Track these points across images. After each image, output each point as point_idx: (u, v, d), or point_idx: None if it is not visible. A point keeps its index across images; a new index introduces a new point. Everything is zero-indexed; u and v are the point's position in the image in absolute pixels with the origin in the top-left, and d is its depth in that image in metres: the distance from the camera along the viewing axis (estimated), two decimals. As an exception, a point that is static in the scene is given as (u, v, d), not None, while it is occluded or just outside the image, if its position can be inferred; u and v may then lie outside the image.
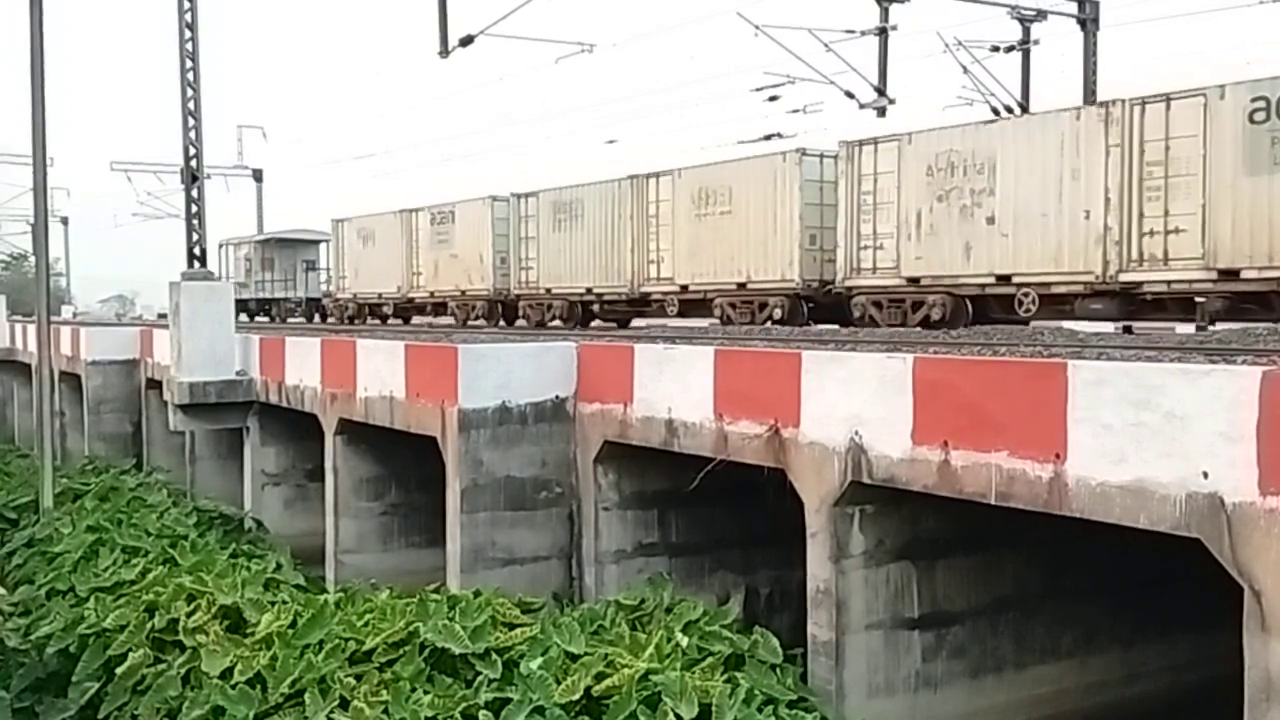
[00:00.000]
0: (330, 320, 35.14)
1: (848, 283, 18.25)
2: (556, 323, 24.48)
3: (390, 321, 32.10)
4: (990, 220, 16.07)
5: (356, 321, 32.51)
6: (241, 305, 39.85)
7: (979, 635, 7.40)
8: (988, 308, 16.58)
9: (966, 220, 16.36)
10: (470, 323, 27.61)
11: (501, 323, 27.23)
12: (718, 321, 20.29)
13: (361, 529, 11.88)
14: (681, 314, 21.75)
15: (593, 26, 28.28)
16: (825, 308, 19.27)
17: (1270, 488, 4.74)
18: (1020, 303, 15.73)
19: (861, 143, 17.97)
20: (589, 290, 23.76)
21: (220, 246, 41.89)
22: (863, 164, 17.88)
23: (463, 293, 28.17)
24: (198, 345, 13.64)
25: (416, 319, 31.43)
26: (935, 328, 16.13)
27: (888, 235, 17.59)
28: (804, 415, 7.02)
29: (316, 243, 39.10)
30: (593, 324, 24.33)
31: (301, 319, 37.03)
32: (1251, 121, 13.29)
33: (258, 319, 39.42)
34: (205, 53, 14.25)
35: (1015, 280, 15.88)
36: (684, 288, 21.39)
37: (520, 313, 26.36)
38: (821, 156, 19.06)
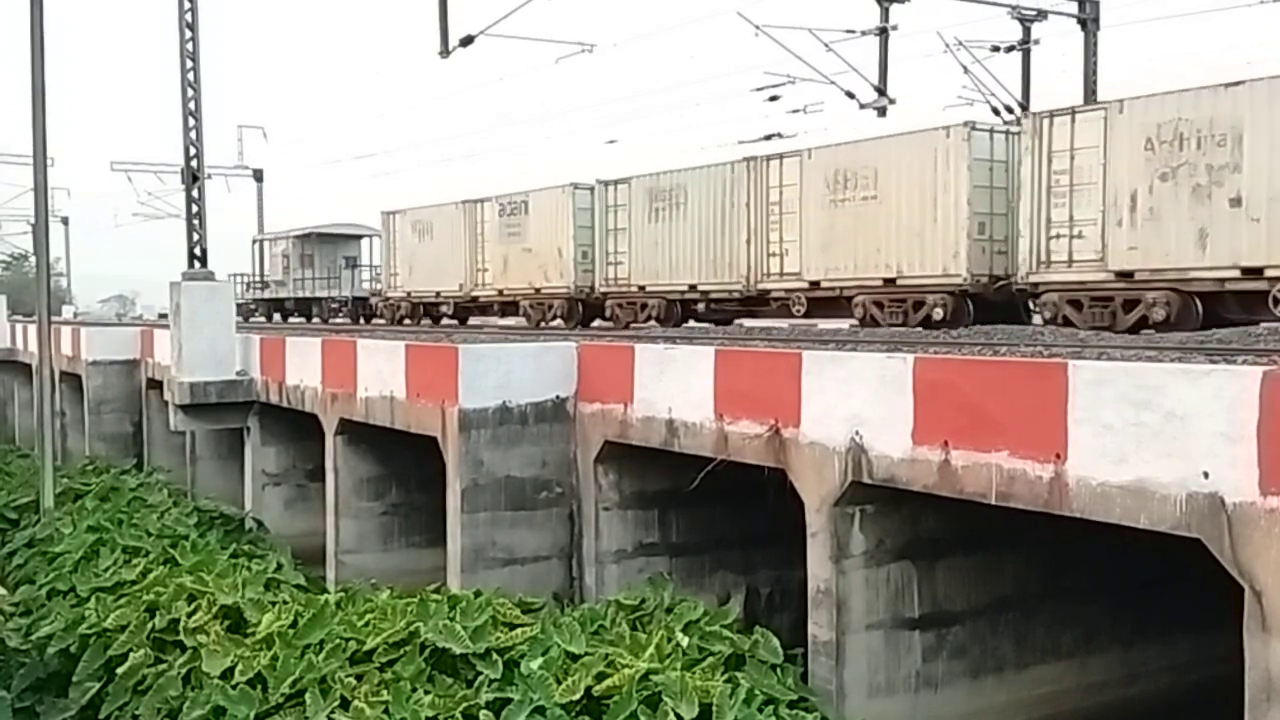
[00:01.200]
0: (379, 322, 32.38)
1: (1033, 278, 15.57)
2: (651, 323, 21.83)
3: (443, 323, 29.45)
4: (1235, 202, 13.53)
5: (409, 323, 29.80)
6: (277, 305, 38.94)
7: (979, 635, 7.40)
8: (1224, 306, 14.15)
9: (1201, 202, 13.79)
10: (546, 323, 24.85)
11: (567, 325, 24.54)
12: (855, 323, 17.95)
13: (362, 529, 11.89)
14: (809, 314, 19.20)
15: (593, 26, 28.27)
16: (996, 307, 16.67)
17: (1271, 488, 4.74)
18: (1277, 300, 13.27)
19: (1053, 113, 15.46)
20: (692, 287, 21.16)
21: (254, 242, 40.37)
22: (1055, 138, 15.24)
23: (536, 291, 25.31)
24: (198, 345, 13.64)
25: (478, 320, 28.94)
26: (1155, 329, 14.15)
27: (1089, 221, 14.93)
28: (804, 415, 7.02)
29: (359, 238, 36.96)
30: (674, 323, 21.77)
31: (346, 319, 34.48)
32: None
33: (292, 319, 37.27)
34: (206, 53, 14.27)
35: (1269, 274, 13.34)
36: (814, 284, 18.72)
37: (607, 313, 23.52)
38: (992, 131, 16.65)
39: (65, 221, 59.48)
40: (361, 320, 33.93)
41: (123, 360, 18.90)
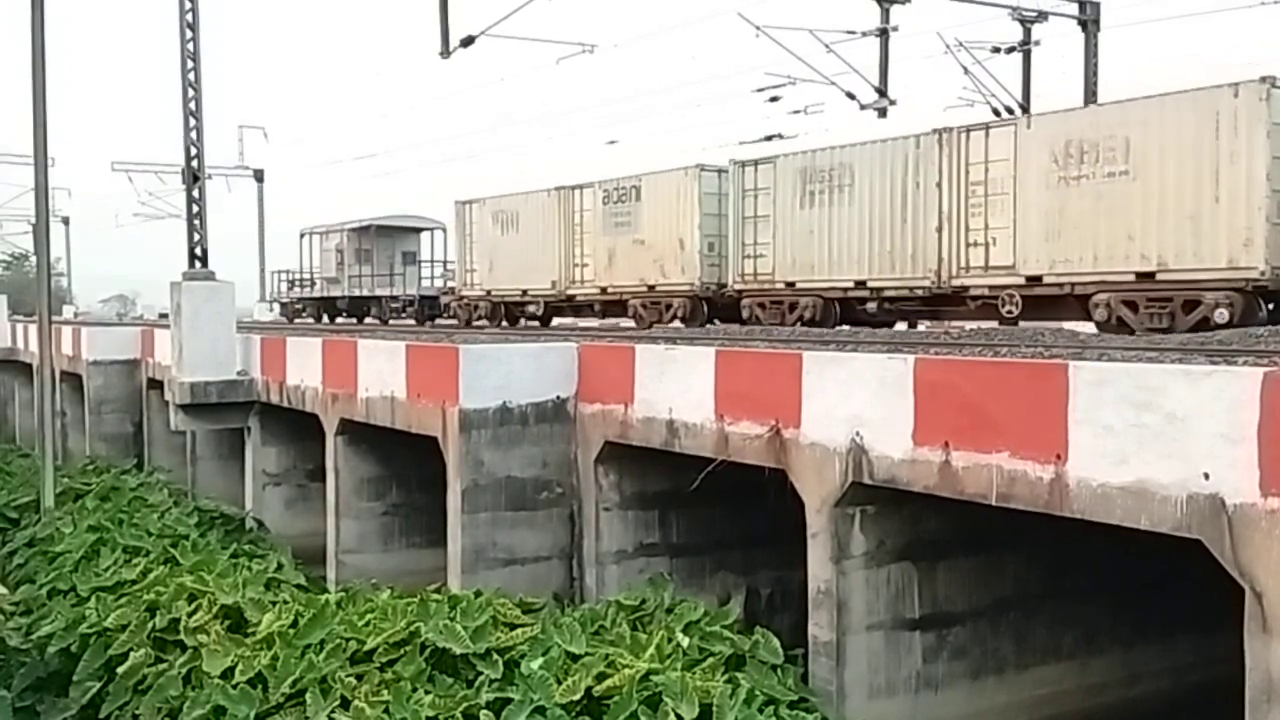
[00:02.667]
0: (447, 322, 29.35)
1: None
2: (798, 327, 18.34)
3: (518, 324, 26.52)
4: None
5: (487, 324, 26.79)
6: (328, 305, 35.30)
7: (980, 636, 7.40)
8: None
9: None
10: (662, 324, 21.49)
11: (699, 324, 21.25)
12: (1095, 328, 15.08)
13: (362, 529, 11.89)
14: (1025, 315, 16.02)
15: (594, 27, 28.25)
16: None
17: (1271, 489, 4.74)
18: None
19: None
20: (859, 284, 18.17)
21: (302, 236, 36.83)
22: None
23: (650, 288, 22.23)
24: (199, 345, 13.64)
25: (572, 321, 25.90)
26: None
27: None
28: (805, 416, 7.03)
29: (418, 231, 34.04)
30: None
31: (410, 321, 30.99)
32: None
33: (341, 320, 34.30)
34: (206, 53, 14.27)
35: None
36: (1033, 279, 15.63)
37: (745, 314, 20.29)
38: None
39: (66, 221, 59.51)
40: (428, 323, 30.47)
41: (123, 360, 18.90)
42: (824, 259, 18.76)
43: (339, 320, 34.47)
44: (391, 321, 31.44)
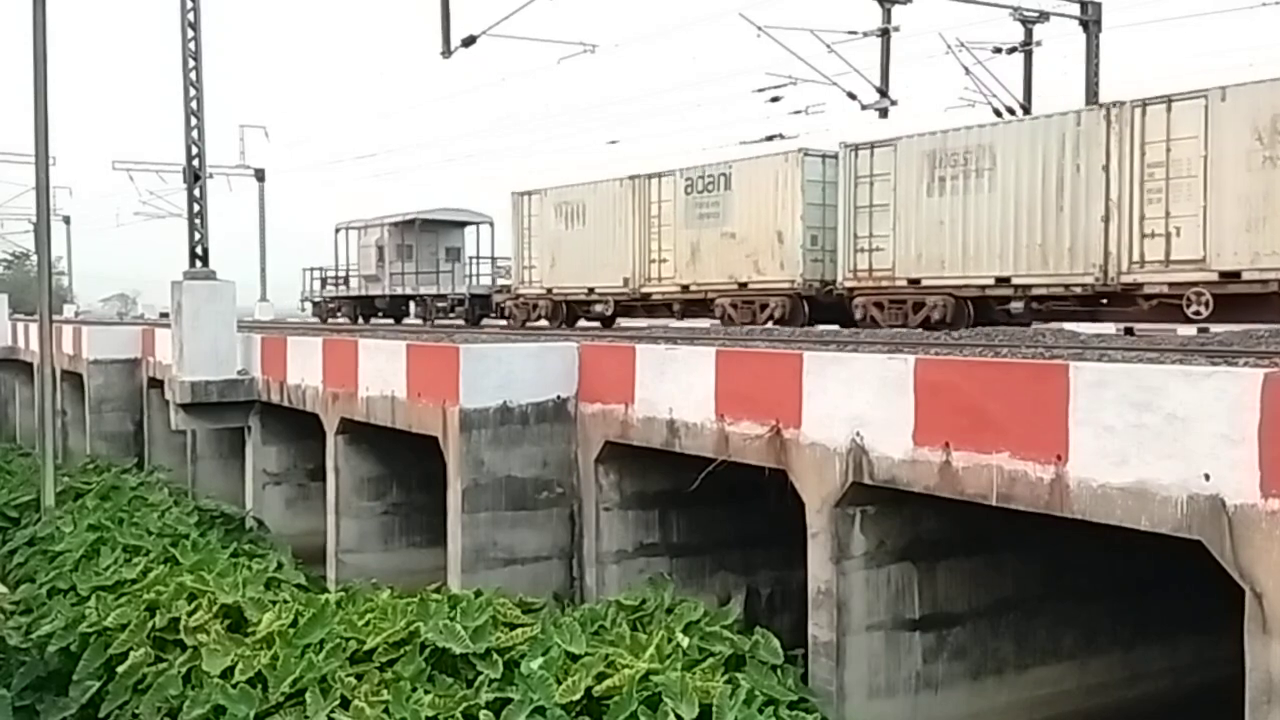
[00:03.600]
0: (496, 323, 27.23)
1: None
2: (920, 332, 16.23)
3: (577, 323, 24.70)
4: None
5: (546, 324, 24.90)
6: (365, 304, 33.19)
7: (980, 636, 7.40)
8: None
9: None
10: (757, 325, 19.22)
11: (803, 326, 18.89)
12: None
13: (363, 528, 11.89)
14: (1216, 317, 14.03)
15: (595, 27, 28.26)
16: None
17: (1272, 490, 4.74)
18: None
19: None
20: (1002, 280, 16.19)
21: (337, 231, 34.60)
22: None
23: (741, 286, 20.35)
24: (200, 344, 13.64)
25: (646, 322, 23.21)
26: None
27: None
28: (805, 416, 7.02)
29: (462, 225, 31.95)
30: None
31: (460, 321, 28.72)
32: None
33: (376, 320, 32.44)
34: (208, 52, 14.28)
35: None
36: (1229, 275, 13.73)
37: (859, 314, 18.22)
38: None
39: (67, 220, 59.56)
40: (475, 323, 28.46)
41: (124, 359, 18.91)
42: (957, 253, 16.73)
43: (374, 321, 32.66)
44: (437, 322, 29.36)
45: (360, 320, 33.32)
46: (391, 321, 31.65)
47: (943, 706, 7.21)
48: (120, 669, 7.80)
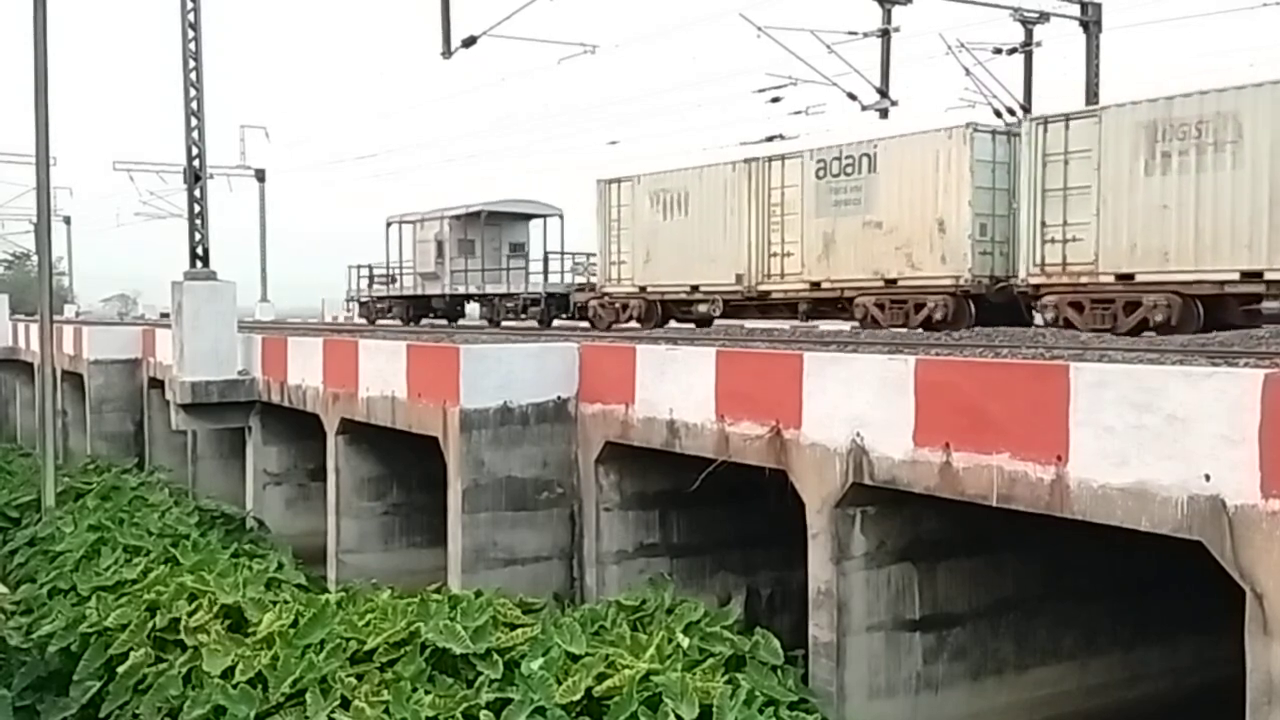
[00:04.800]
0: (575, 325, 24.65)
1: None
2: (1141, 336, 14.10)
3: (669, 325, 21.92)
4: None
5: (645, 327, 21.97)
6: (420, 304, 30.67)
7: (980, 637, 7.40)
8: None
9: None
10: (909, 327, 17.19)
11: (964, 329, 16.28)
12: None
13: (363, 529, 11.89)
14: None
15: (595, 27, 28.25)
16: None
17: (1272, 490, 4.74)
18: None
19: None
20: (1251, 274, 13.70)
21: (388, 225, 31.84)
22: None
23: (889, 282, 17.91)
24: (200, 345, 13.65)
25: (765, 324, 20.39)
26: None
27: None
28: (805, 416, 7.02)
29: (527, 218, 29.36)
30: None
31: (533, 323, 25.93)
32: None
33: (427, 321, 29.90)
34: (208, 52, 14.29)
35: None
36: None
37: (1050, 314, 15.71)
38: None
39: (67, 221, 59.64)
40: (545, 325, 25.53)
41: (124, 359, 18.91)
42: (1186, 243, 14.21)
43: (424, 322, 30.08)
44: (505, 324, 26.86)
45: (413, 322, 30.70)
46: (446, 322, 29.55)
47: (943, 707, 7.21)
48: (121, 669, 7.80)
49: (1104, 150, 15.04)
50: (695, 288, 21.61)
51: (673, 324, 22.66)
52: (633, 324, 22.72)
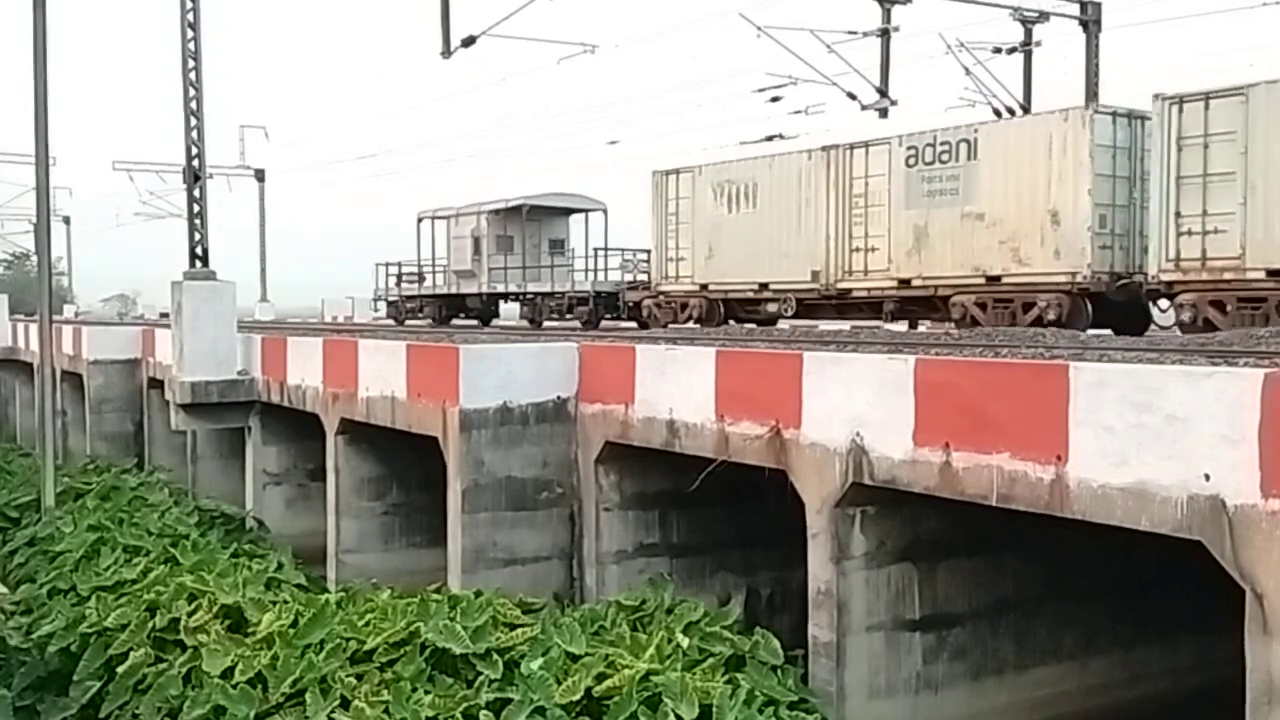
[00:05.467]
0: (624, 325, 23.21)
1: None
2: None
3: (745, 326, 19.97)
4: None
5: (706, 327, 20.36)
6: (454, 303, 29.25)
7: (980, 637, 7.40)
8: None
9: None
10: (1016, 328, 15.17)
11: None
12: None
13: (363, 529, 11.89)
14: None
15: (595, 27, 28.22)
16: None
17: (1272, 490, 4.74)
18: None
19: None
20: None
21: (419, 221, 30.33)
22: None
23: (992, 280, 16.49)
24: (200, 345, 13.64)
25: (847, 324, 18.87)
26: None
27: None
28: (805, 416, 7.02)
29: (567, 213, 27.94)
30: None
31: (575, 324, 24.38)
32: None
33: (458, 322, 28.67)
34: (208, 52, 14.28)
35: None
36: None
37: (1185, 314, 14.40)
38: None
39: (67, 221, 59.63)
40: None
41: (124, 359, 18.91)
42: None
43: (454, 323, 28.65)
44: (547, 324, 25.52)
45: (445, 323, 29.25)
46: (479, 323, 28.08)
47: (943, 707, 7.21)
48: (120, 669, 7.80)
49: (1252, 132, 13.56)
50: (764, 286, 20.20)
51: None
52: (693, 324, 21.49)
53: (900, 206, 17.70)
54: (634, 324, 23.10)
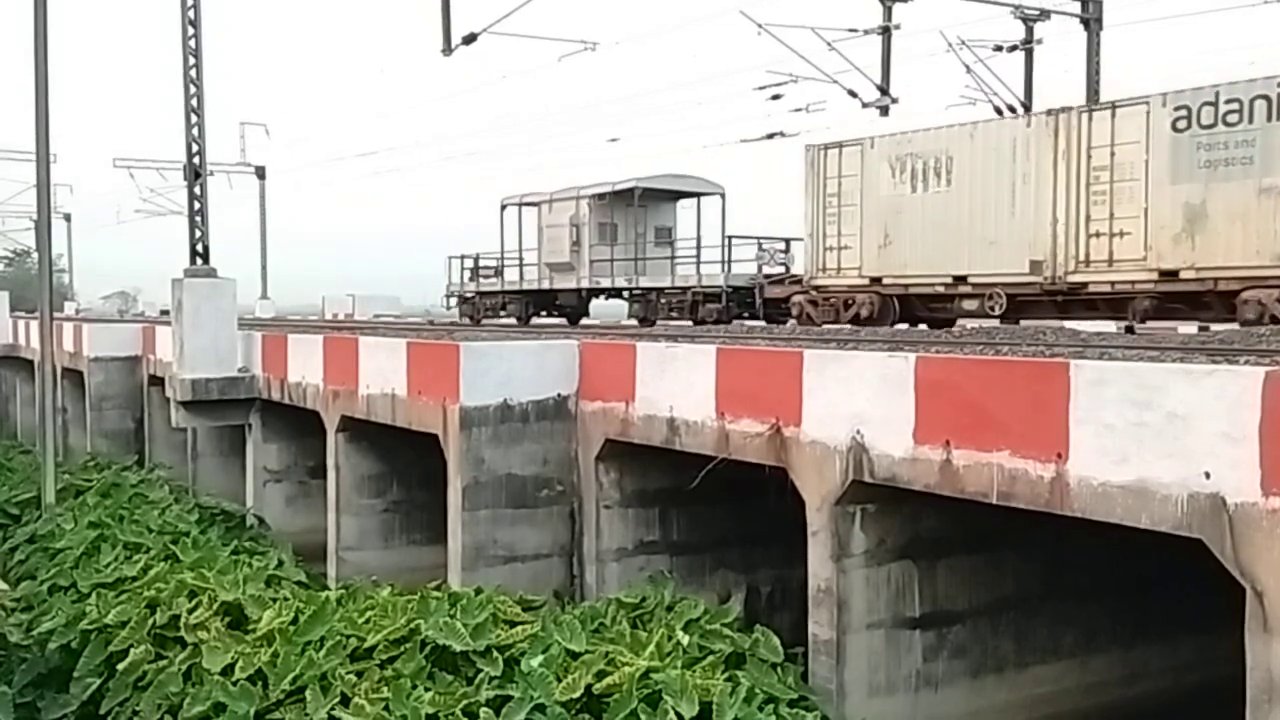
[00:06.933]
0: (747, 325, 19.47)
1: None
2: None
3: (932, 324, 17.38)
4: None
5: (882, 328, 16.69)
6: (544, 299, 25.99)
7: (980, 635, 7.40)
8: None
9: None
10: None
11: None
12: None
13: (363, 526, 11.89)
14: None
15: (595, 25, 28.18)
16: None
17: (1272, 488, 4.74)
18: None
19: None
20: None
21: (503, 208, 26.77)
22: None
23: None
24: (200, 342, 13.65)
25: (1093, 327, 14.71)
26: None
27: None
28: (805, 414, 7.02)
29: (675, 197, 24.45)
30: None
31: (711, 325, 20.13)
32: None
33: (539, 320, 25.62)
34: (208, 50, 14.26)
35: None
36: None
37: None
38: None
39: (68, 218, 59.57)
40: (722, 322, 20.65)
41: (124, 357, 18.92)
42: None
43: (535, 321, 25.49)
44: (662, 322, 22.27)
45: (527, 322, 25.90)
46: (567, 323, 24.75)
47: (942, 705, 7.22)
48: (121, 666, 7.81)
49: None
50: (961, 279, 16.94)
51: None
52: (883, 324, 17.99)
53: (1163, 181, 14.45)
54: (771, 324, 19.79)
